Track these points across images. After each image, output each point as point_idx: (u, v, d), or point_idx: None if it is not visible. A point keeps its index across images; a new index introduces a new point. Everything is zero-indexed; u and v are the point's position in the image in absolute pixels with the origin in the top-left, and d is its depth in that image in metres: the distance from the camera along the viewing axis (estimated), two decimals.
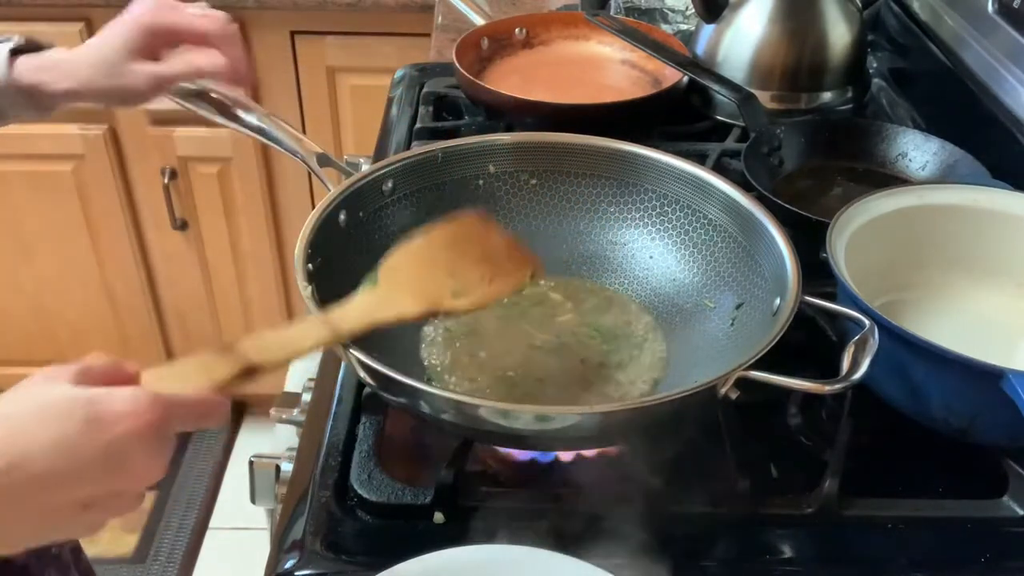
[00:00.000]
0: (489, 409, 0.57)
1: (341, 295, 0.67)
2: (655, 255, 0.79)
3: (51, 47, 0.76)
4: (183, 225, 1.80)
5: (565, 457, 0.66)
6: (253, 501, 0.78)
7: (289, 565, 0.59)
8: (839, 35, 1.05)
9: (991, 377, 0.59)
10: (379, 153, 1.05)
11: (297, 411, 0.83)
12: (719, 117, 1.06)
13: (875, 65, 1.19)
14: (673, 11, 1.31)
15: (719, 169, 0.89)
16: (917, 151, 0.93)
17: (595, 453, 0.67)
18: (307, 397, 0.81)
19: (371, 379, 0.60)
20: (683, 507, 0.62)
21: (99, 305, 1.91)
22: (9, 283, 1.87)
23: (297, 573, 0.58)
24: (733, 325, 0.71)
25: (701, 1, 1.07)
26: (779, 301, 0.65)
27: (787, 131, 0.95)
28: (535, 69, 1.15)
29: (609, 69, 1.16)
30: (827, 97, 1.06)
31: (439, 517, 0.61)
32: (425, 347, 0.73)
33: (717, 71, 1.05)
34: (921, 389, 0.65)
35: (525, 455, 0.66)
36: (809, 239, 0.71)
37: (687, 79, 1.04)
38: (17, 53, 0.74)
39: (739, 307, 0.71)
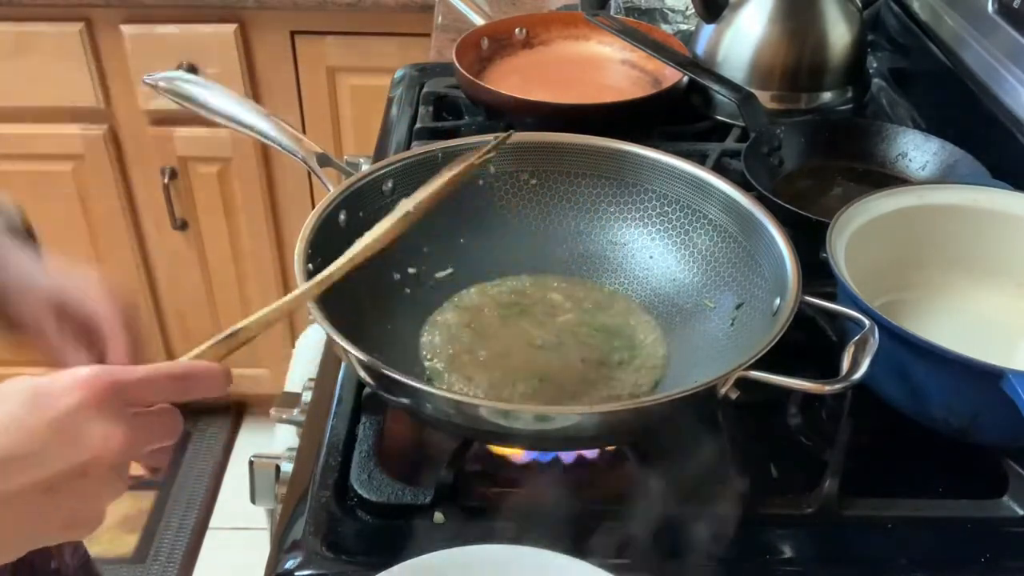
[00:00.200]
0: (489, 409, 0.57)
1: (341, 295, 0.67)
2: (655, 255, 0.79)
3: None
4: (183, 225, 1.80)
5: (565, 457, 0.66)
6: (253, 501, 0.78)
7: (289, 565, 0.59)
8: (839, 35, 1.05)
9: (991, 377, 0.59)
10: (379, 153, 1.05)
11: (297, 411, 0.83)
12: (719, 117, 1.06)
13: (875, 65, 1.19)
14: (673, 11, 1.31)
15: (719, 169, 0.89)
16: (917, 151, 0.93)
17: (595, 453, 0.67)
18: (307, 397, 0.81)
19: (371, 379, 0.60)
20: (683, 507, 0.62)
21: None
22: None
23: (297, 573, 0.58)
24: (733, 325, 0.71)
25: (701, 1, 1.07)
26: (779, 301, 0.65)
27: (787, 131, 0.95)
28: (535, 69, 1.15)
29: (609, 69, 1.16)
30: (827, 97, 1.06)
31: (439, 517, 0.61)
32: (425, 347, 0.73)
33: (717, 71, 1.05)
34: (921, 389, 0.65)
35: (525, 455, 0.66)
36: (809, 239, 0.71)
37: (687, 79, 1.04)
38: None
39: (739, 307, 0.71)
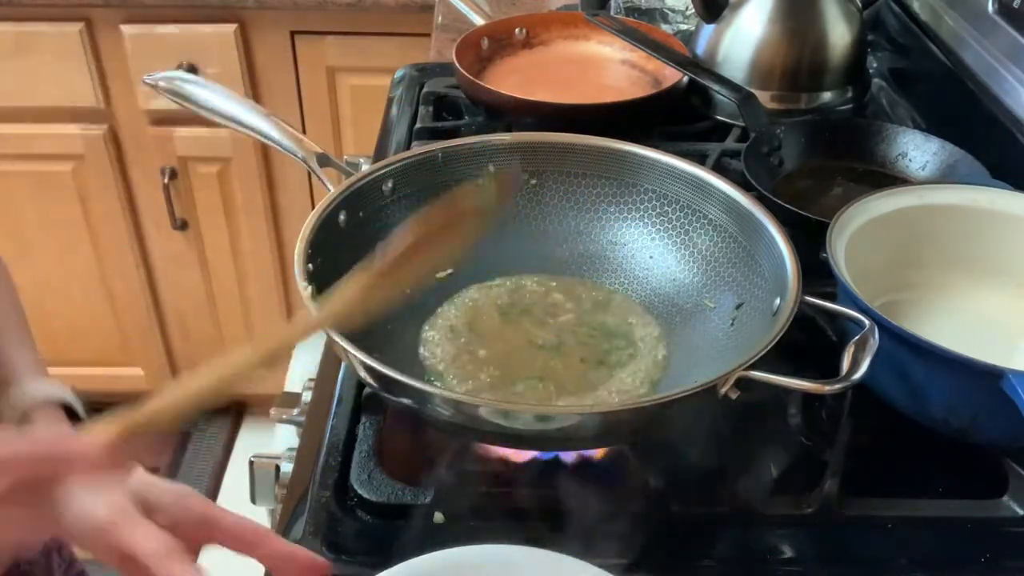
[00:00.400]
0: (489, 409, 0.57)
1: None
2: (655, 255, 0.79)
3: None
4: (183, 225, 1.80)
5: (565, 457, 0.66)
6: (253, 501, 0.78)
7: None
8: (839, 35, 1.05)
9: (991, 377, 0.59)
10: (379, 153, 1.05)
11: (297, 411, 0.83)
12: (719, 117, 1.06)
13: (875, 65, 1.19)
14: (673, 11, 1.31)
15: (719, 169, 0.89)
16: (917, 151, 0.93)
17: (595, 453, 0.67)
18: (307, 397, 0.81)
19: (371, 379, 0.60)
20: (683, 507, 0.62)
21: (99, 305, 1.91)
22: None
23: None
24: (733, 325, 0.71)
25: (701, 1, 1.06)
26: (779, 301, 0.65)
27: (787, 131, 0.95)
28: (535, 69, 1.15)
29: (609, 69, 1.16)
30: (827, 97, 1.06)
31: (439, 517, 0.61)
32: (425, 346, 0.73)
33: (717, 71, 1.05)
34: (921, 389, 0.65)
35: (525, 455, 0.66)
36: (809, 239, 0.71)
37: (687, 79, 1.04)
38: None
39: (739, 307, 0.71)
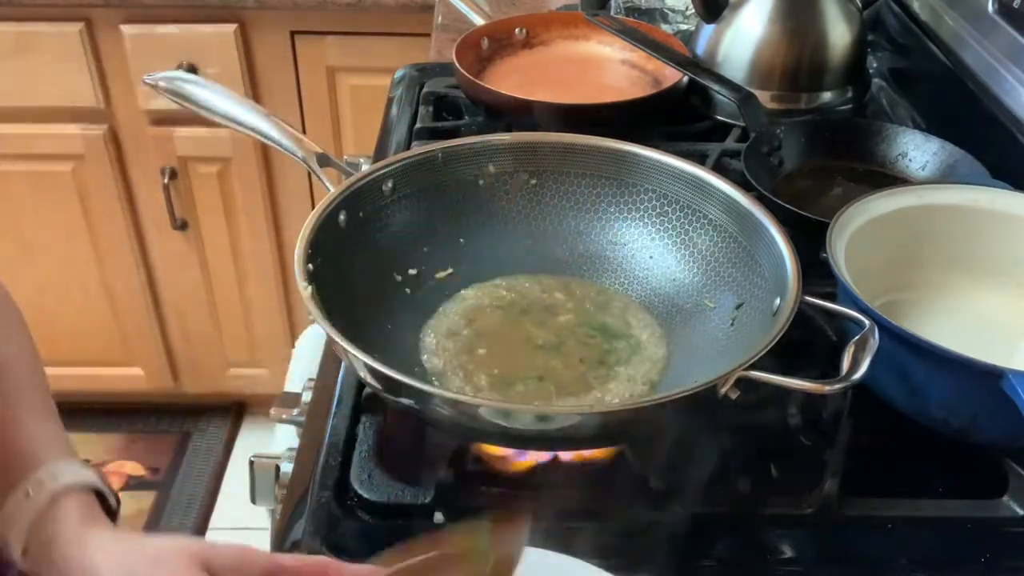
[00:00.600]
0: (489, 409, 0.57)
1: (341, 295, 0.67)
2: (655, 255, 0.79)
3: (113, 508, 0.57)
4: (183, 225, 1.80)
5: (565, 457, 0.66)
6: (253, 501, 0.78)
7: None
8: (839, 35, 1.05)
9: (991, 377, 0.59)
10: (379, 153, 1.05)
11: (297, 411, 0.83)
12: (719, 117, 1.06)
13: (875, 65, 1.19)
14: (673, 11, 1.31)
15: (719, 169, 0.89)
16: (917, 151, 0.93)
17: (595, 453, 0.67)
18: (307, 397, 0.81)
19: (372, 379, 0.60)
20: (684, 507, 0.62)
21: (99, 305, 1.91)
22: (9, 283, 1.85)
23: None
24: (733, 325, 0.71)
25: (701, 1, 1.06)
26: (779, 301, 0.65)
27: (787, 131, 0.95)
28: (535, 69, 1.15)
29: (609, 69, 1.16)
30: (827, 97, 1.06)
31: (439, 517, 0.61)
32: (425, 346, 0.73)
33: (717, 71, 1.05)
34: (921, 389, 0.65)
35: (525, 455, 0.66)
36: (809, 239, 0.71)
37: (687, 79, 1.04)
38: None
39: (739, 307, 0.71)
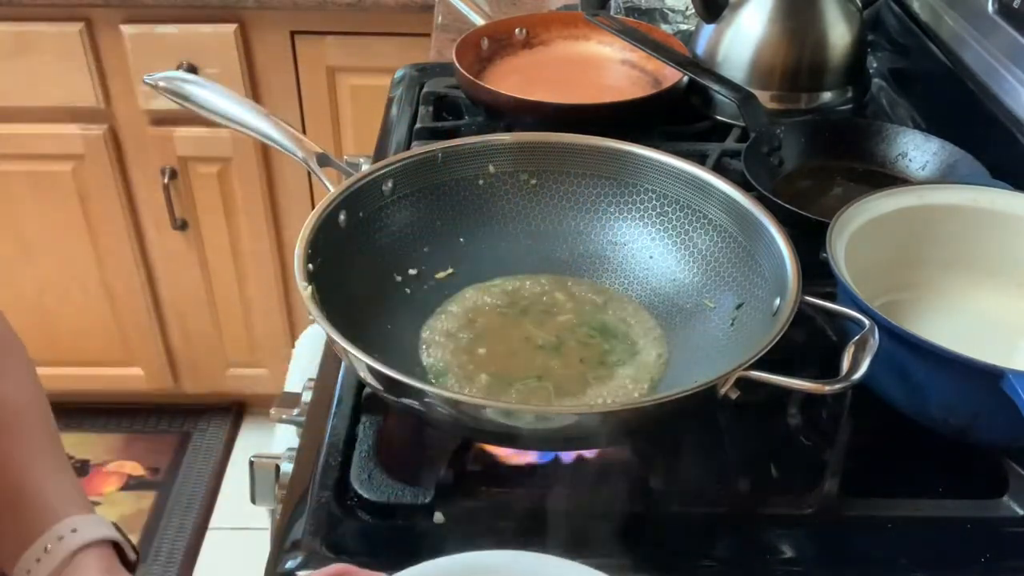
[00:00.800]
0: (489, 409, 0.57)
1: (341, 295, 0.67)
2: (655, 255, 0.79)
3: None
4: (183, 225, 1.80)
5: (565, 457, 0.66)
6: (253, 501, 0.78)
7: (289, 565, 0.59)
8: (839, 35, 1.05)
9: (991, 377, 0.59)
10: (379, 153, 1.05)
11: (297, 411, 0.83)
12: (719, 117, 1.06)
13: (875, 65, 1.19)
14: (673, 11, 1.31)
15: (719, 169, 0.89)
16: (917, 151, 0.93)
17: (595, 453, 0.67)
18: (307, 397, 0.81)
19: (372, 379, 0.60)
20: (683, 507, 0.62)
21: (99, 305, 1.91)
22: (9, 283, 1.87)
23: (297, 573, 0.58)
24: (733, 325, 0.71)
25: (701, 1, 1.06)
26: (779, 301, 0.65)
27: (787, 131, 0.95)
28: (535, 69, 1.15)
29: (609, 69, 1.16)
30: (827, 97, 1.06)
31: (439, 517, 0.61)
32: (425, 346, 0.73)
33: (717, 71, 1.05)
34: (921, 389, 0.65)
35: (525, 455, 0.66)
36: (809, 239, 0.71)
37: (687, 79, 1.04)
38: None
39: (739, 307, 0.71)
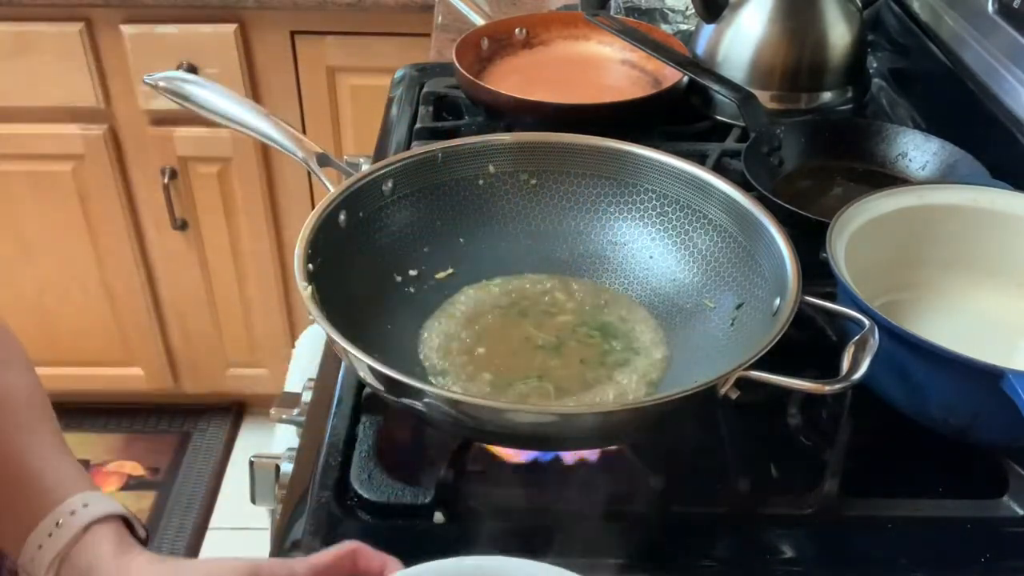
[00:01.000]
0: (489, 409, 0.57)
1: (341, 295, 0.67)
2: (655, 255, 0.79)
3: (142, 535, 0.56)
4: (183, 225, 1.80)
5: (566, 457, 0.66)
6: (253, 501, 0.78)
7: None
8: (839, 35, 1.05)
9: (991, 377, 0.59)
10: (379, 153, 1.05)
11: (297, 411, 0.83)
12: (719, 117, 1.06)
13: (875, 65, 1.19)
14: (673, 11, 1.31)
15: (719, 169, 0.89)
16: (917, 151, 0.93)
17: (595, 453, 0.67)
18: (307, 397, 0.81)
19: (372, 379, 0.60)
20: (683, 507, 0.62)
21: (99, 305, 1.91)
22: (9, 283, 1.87)
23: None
24: (733, 325, 0.71)
25: (701, 1, 1.07)
26: (779, 301, 0.65)
27: (787, 131, 0.95)
28: (535, 69, 1.15)
29: (609, 69, 1.16)
30: (827, 97, 1.06)
31: (439, 517, 0.61)
32: (425, 346, 0.73)
33: (717, 71, 1.05)
34: (921, 389, 0.65)
35: (525, 455, 0.66)
36: (809, 239, 0.71)
37: (687, 79, 1.04)
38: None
39: (739, 307, 0.71)
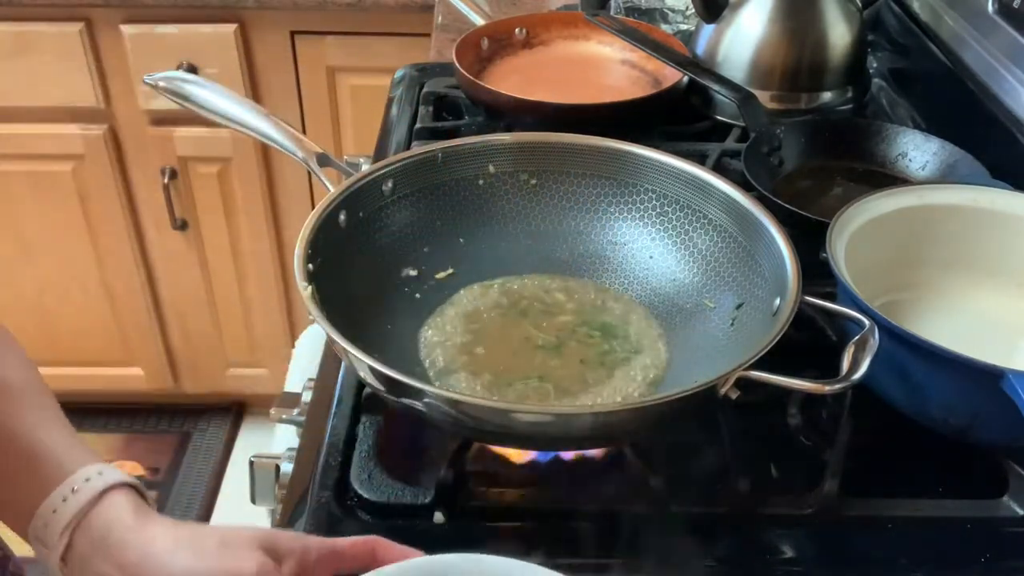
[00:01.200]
0: (489, 409, 0.57)
1: (341, 295, 0.67)
2: (655, 255, 0.79)
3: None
4: (183, 225, 1.80)
5: (565, 457, 0.66)
6: (253, 501, 0.78)
7: None
8: (839, 35, 1.05)
9: (991, 377, 0.59)
10: (379, 153, 1.05)
11: (297, 411, 0.83)
12: (719, 117, 1.06)
13: (875, 65, 1.19)
14: (673, 11, 1.31)
15: (719, 169, 0.89)
16: (917, 151, 0.93)
17: (595, 453, 0.67)
18: (307, 397, 0.81)
19: (372, 379, 0.60)
20: (683, 507, 0.62)
21: (99, 305, 1.91)
22: (9, 283, 1.87)
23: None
24: (733, 325, 0.71)
25: (701, 1, 1.06)
26: (779, 301, 0.65)
27: (787, 131, 0.95)
28: (535, 69, 1.15)
29: (609, 69, 1.16)
30: (827, 97, 1.06)
31: (439, 517, 0.61)
32: (425, 346, 0.73)
33: (717, 71, 1.05)
34: (921, 389, 0.65)
35: (525, 455, 0.66)
36: (809, 239, 0.71)
37: (687, 79, 1.04)
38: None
39: (739, 307, 0.71)
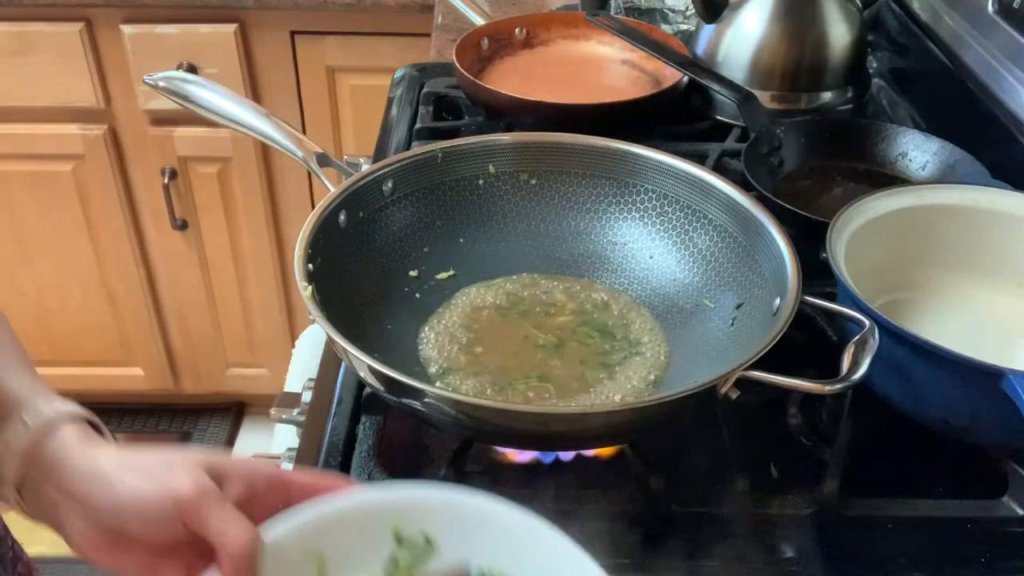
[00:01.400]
0: (489, 409, 0.57)
1: (341, 295, 0.67)
2: (655, 255, 0.79)
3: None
4: (183, 225, 1.80)
5: (565, 457, 0.66)
6: None
7: None
8: (839, 35, 1.05)
9: (991, 377, 0.59)
10: (379, 153, 1.05)
11: (297, 411, 0.83)
12: (719, 117, 1.06)
13: (875, 65, 1.19)
14: (673, 11, 1.31)
15: (719, 169, 0.89)
16: (917, 151, 0.93)
17: (595, 453, 0.67)
18: (307, 397, 0.81)
19: (372, 379, 0.60)
20: (683, 507, 0.62)
21: (99, 305, 1.91)
22: (9, 283, 1.87)
23: None
24: (733, 325, 0.71)
25: (701, 1, 1.07)
26: (779, 301, 0.65)
27: (787, 131, 0.95)
28: (535, 69, 1.15)
29: (609, 69, 1.16)
30: (827, 97, 1.06)
31: None
32: (425, 346, 0.73)
33: (717, 71, 1.05)
34: (921, 389, 0.65)
35: (525, 455, 0.66)
36: (809, 239, 0.71)
37: (687, 79, 1.04)
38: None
39: (739, 307, 0.71)
